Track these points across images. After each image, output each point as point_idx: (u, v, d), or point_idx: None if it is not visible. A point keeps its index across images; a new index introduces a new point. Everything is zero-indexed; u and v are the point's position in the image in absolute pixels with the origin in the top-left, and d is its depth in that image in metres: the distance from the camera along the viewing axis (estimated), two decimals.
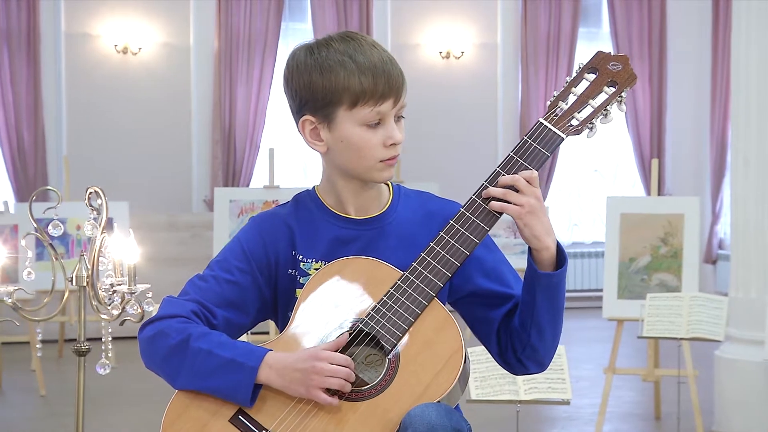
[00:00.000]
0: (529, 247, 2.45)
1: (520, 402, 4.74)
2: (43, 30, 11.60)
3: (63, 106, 11.76)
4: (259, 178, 11.97)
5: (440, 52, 12.68)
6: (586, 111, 2.49)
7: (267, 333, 6.90)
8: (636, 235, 6.84)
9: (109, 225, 8.14)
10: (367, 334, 2.42)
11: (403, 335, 2.40)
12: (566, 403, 4.81)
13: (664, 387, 7.00)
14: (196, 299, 2.51)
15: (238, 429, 2.38)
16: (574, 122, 2.49)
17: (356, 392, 2.37)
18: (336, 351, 2.38)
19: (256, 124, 12.10)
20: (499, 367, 2.63)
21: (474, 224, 2.45)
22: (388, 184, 2.64)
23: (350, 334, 2.42)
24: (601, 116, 2.50)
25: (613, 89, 2.51)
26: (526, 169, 2.46)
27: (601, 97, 2.50)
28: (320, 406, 2.36)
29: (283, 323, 2.55)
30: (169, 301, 2.54)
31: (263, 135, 12.15)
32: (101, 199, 3.24)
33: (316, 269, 2.54)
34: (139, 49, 11.89)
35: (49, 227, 3.30)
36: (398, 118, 2.53)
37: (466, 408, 5.82)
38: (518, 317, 2.51)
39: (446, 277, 2.43)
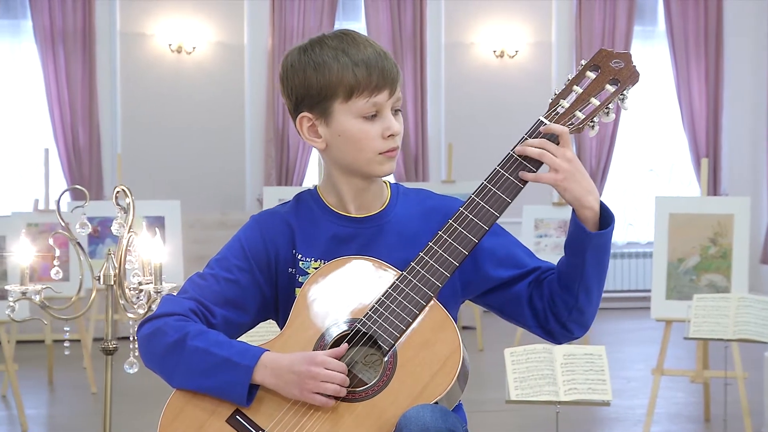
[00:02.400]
0: (573, 209, 2.44)
1: (560, 403, 4.70)
2: (99, 29, 11.71)
3: (118, 105, 11.87)
4: (312, 177, 12.00)
5: (494, 51, 12.63)
6: (588, 109, 2.46)
7: None
8: (685, 236, 6.76)
9: (160, 223, 8.23)
10: (365, 334, 2.40)
11: (401, 335, 2.38)
12: (606, 404, 4.75)
13: (713, 389, 6.92)
14: (195, 297, 2.51)
15: (235, 429, 2.38)
16: (575, 120, 2.46)
17: (354, 392, 2.36)
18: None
19: None
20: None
21: (472, 223, 2.43)
22: (386, 183, 2.63)
23: (348, 336, 2.41)
24: (602, 114, 2.47)
25: (615, 87, 2.47)
26: (525, 167, 2.44)
27: (603, 95, 2.47)
28: (317, 407, 2.36)
29: (283, 322, 2.54)
30: (168, 299, 2.54)
31: None
32: (129, 197, 3.27)
33: (315, 268, 2.53)
34: (194, 48, 11.96)
35: (77, 226, 3.34)
36: (395, 111, 2.52)
37: (506, 408, 5.76)
38: (561, 281, 2.50)
39: (445, 277, 2.41)
